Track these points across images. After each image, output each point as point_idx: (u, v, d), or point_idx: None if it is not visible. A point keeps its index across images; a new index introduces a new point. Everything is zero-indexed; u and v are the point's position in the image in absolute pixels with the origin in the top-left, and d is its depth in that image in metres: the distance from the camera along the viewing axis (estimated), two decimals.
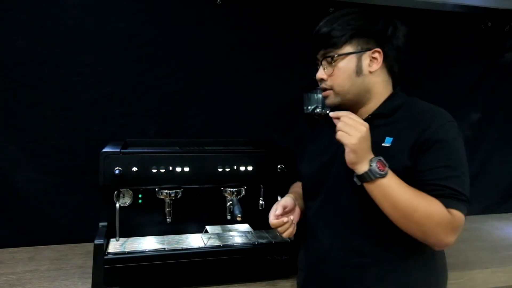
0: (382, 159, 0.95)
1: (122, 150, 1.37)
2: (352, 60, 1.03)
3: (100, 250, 1.32)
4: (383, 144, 1.02)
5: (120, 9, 1.79)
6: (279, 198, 1.52)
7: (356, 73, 1.04)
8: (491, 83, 2.38)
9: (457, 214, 0.94)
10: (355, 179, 0.97)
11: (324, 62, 1.07)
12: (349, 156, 0.95)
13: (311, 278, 1.16)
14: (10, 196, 1.73)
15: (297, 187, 1.31)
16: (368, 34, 1.04)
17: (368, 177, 0.94)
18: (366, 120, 1.05)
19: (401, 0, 2.07)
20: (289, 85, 2.02)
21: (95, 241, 1.33)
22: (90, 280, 1.32)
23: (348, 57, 1.03)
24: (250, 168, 1.47)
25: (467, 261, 1.66)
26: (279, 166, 1.49)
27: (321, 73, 1.08)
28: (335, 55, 1.03)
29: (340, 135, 0.96)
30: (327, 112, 1.05)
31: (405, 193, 0.94)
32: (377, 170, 0.93)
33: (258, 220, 1.58)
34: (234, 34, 1.94)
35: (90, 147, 1.75)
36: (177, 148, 1.57)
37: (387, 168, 0.94)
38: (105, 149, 1.37)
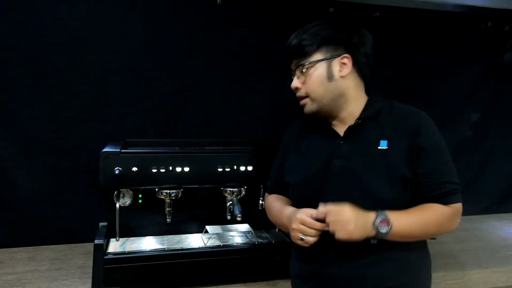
0: (382, 217, 1.00)
1: (122, 150, 1.37)
2: (323, 66, 1.10)
3: (100, 250, 1.32)
4: (379, 147, 1.07)
5: (120, 9, 1.79)
6: None
7: (328, 78, 1.10)
8: (491, 83, 2.38)
9: (457, 206, 1.07)
10: (371, 242, 1.02)
11: (297, 72, 1.14)
12: (354, 236, 0.99)
13: (319, 283, 1.15)
14: (10, 196, 1.73)
15: (280, 200, 1.26)
16: (336, 42, 1.10)
17: (381, 237, 1.01)
18: (355, 125, 1.11)
19: (401, 0, 2.07)
20: (289, 85, 2.01)
21: (95, 241, 1.33)
22: (90, 280, 1.32)
23: (319, 64, 1.10)
24: (250, 168, 1.47)
25: (467, 261, 1.65)
26: None
27: (295, 83, 1.15)
28: (306, 63, 1.10)
29: (337, 234, 0.99)
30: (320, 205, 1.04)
31: (414, 223, 1.04)
32: (384, 231, 0.99)
33: (258, 220, 1.58)
34: (234, 34, 1.95)
35: (90, 147, 1.75)
36: (177, 148, 1.57)
37: (391, 221, 1.00)
38: (105, 149, 1.37)
